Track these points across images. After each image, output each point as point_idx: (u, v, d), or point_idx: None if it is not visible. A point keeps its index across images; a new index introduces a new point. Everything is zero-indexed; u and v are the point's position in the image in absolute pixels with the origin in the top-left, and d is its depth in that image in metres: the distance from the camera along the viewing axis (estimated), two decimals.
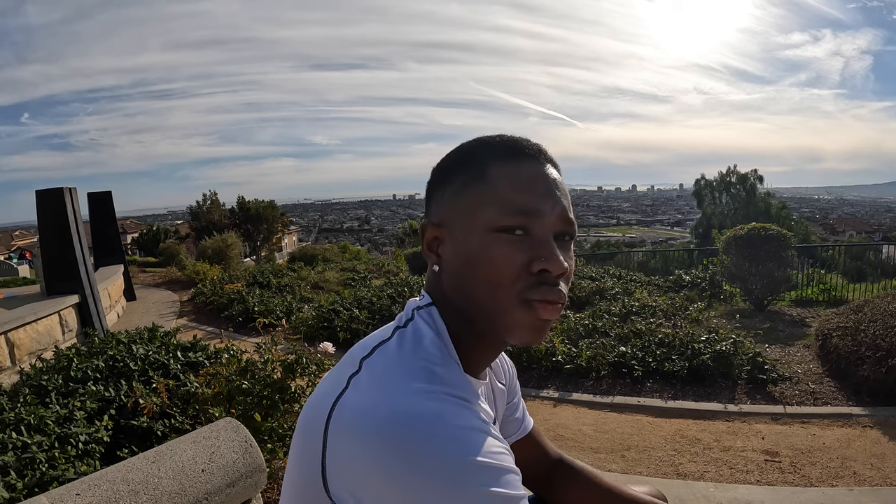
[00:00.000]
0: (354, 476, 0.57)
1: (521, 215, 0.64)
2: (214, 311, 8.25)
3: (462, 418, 0.57)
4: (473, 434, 0.56)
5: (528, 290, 0.63)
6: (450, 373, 0.64)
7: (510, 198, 0.65)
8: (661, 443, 3.47)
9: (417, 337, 0.67)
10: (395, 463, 0.53)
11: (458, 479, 0.53)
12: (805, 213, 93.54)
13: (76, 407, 2.61)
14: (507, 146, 0.69)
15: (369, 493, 0.56)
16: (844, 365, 4.30)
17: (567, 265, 0.65)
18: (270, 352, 2.69)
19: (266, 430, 2.46)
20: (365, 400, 0.60)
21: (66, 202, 6.09)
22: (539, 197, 0.66)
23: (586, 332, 5.51)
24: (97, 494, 1.53)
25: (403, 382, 0.60)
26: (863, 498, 2.65)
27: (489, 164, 0.68)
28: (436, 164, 0.74)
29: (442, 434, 0.54)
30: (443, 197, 0.71)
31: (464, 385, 0.65)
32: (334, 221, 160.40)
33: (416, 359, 0.64)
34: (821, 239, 36.80)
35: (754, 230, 6.81)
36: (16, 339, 4.91)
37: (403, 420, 0.55)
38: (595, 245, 51.29)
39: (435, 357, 0.65)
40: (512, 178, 0.66)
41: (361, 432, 0.57)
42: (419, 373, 0.61)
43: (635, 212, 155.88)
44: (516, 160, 0.68)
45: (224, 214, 26.84)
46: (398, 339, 0.68)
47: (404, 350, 0.66)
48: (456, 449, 0.54)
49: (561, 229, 0.67)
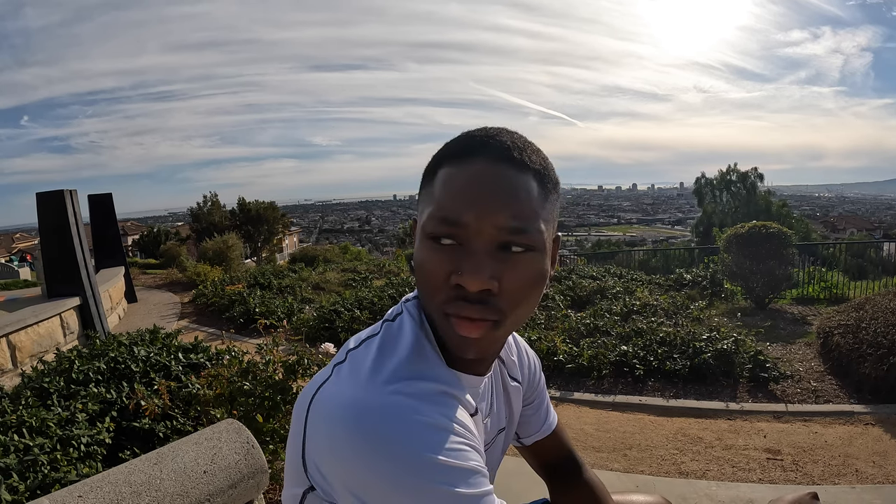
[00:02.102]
0: (322, 458, 0.59)
1: (446, 224, 0.60)
2: (216, 313, 8.26)
3: (426, 414, 0.57)
4: (435, 431, 0.56)
5: (446, 303, 0.61)
6: (427, 366, 0.64)
7: (441, 204, 0.61)
8: (663, 441, 3.47)
9: (400, 330, 0.67)
10: (352, 451, 0.55)
11: (411, 473, 0.53)
12: (806, 211, 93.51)
13: (78, 409, 2.61)
14: (461, 143, 0.64)
15: (331, 475, 0.58)
16: (846, 363, 4.29)
17: (487, 283, 0.58)
18: (272, 353, 2.69)
19: (268, 431, 2.46)
20: (338, 389, 0.61)
21: (66, 204, 6.10)
22: (465, 204, 0.59)
23: (587, 331, 5.50)
24: (99, 496, 1.53)
25: (375, 375, 0.61)
26: (865, 496, 2.65)
27: (441, 164, 0.64)
28: None
29: (401, 428, 0.55)
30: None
31: (443, 378, 0.64)
32: (335, 222, 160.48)
33: (394, 352, 0.64)
34: (822, 237, 36.78)
35: (755, 228, 6.80)
36: (17, 341, 4.92)
37: (366, 411, 0.56)
38: (596, 244, 51.33)
39: (412, 350, 0.64)
40: (448, 182, 0.62)
41: (328, 418, 0.59)
42: (394, 366, 0.62)
43: (636, 211, 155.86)
44: (461, 160, 0.62)
45: (225, 216, 26.84)
46: (384, 333, 0.68)
47: (385, 344, 0.66)
48: (413, 444, 0.54)
49: (500, 239, 0.59)
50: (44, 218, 6.19)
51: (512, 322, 0.63)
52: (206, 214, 26.59)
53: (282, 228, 29.13)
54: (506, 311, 0.61)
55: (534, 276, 0.61)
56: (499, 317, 0.60)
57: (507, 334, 0.65)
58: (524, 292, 0.61)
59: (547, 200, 0.63)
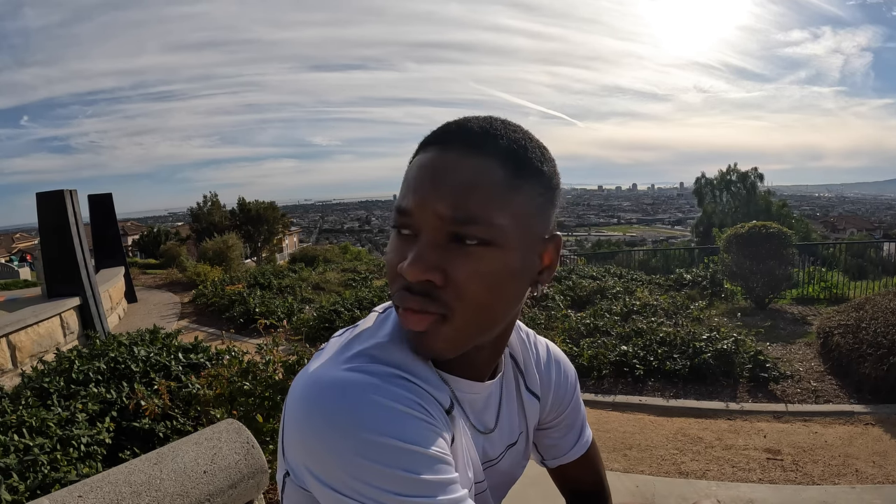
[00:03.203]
0: (287, 438, 0.57)
1: (398, 214, 0.59)
2: (216, 313, 8.26)
3: (387, 394, 0.53)
4: (399, 412, 0.52)
5: (396, 293, 0.59)
6: (401, 356, 0.59)
7: (399, 194, 0.60)
8: (663, 441, 3.47)
9: (385, 321, 0.64)
10: (309, 428, 0.53)
11: (370, 453, 0.50)
12: (806, 211, 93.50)
13: (78, 409, 2.62)
14: (431, 133, 0.61)
15: (293, 454, 0.56)
16: (846, 363, 4.29)
17: (425, 274, 0.55)
18: (272, 353, 2.69)
19: (268, 431, 2.46)
20: (306, 369, 0.60)
21: (66, 204, 6.10)
22: (410, 193, 0.57)
23: (587, 331, 5.50)
24: (99, 496, 1.53)
25: (341, 353, 0.59)
26: (865, 496, 2.65)
27: (415, 153, 0.62)
28: None
29: (358, 405, 0.52)
30: None
31: (416, 371, 0.59)
32: (335, 222, 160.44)
33: (370, 337, 0.61)
34: (821, 237, 36.76)
35: (755, 228, 6.81)
36: (17, 341, 4.92)
37: (322, 385, 0.54)
38: (596, 244, 51.33)
39: (389, 338, 0.61)
40: (406, 172, 0.60)
41: (291, 397, 0.57)
42: (364, 347, 0.59)
43: (636, 211, 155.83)
44: (422, 149, 0.60)
45: (225, 216, 26.83)
46: (367, 321, 0.66)
47: (365, 330, 0.63)
48: (372, 423, 0.51)
49: (446, 229, 0.55)
50: (44, 218, 6.19)
51: (466, 320, 0.57)
52: (206, 214, 26.58)
53: (282, 228, 29.12)
54: (452, 305, 0.56)
55: (490, 272, 0.56)
56: (444, 311, 0.56)
57: (462, 333, 0.58)
58: (476, 288, 0.56)
59: (518, 190, 0.57)
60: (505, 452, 0.77)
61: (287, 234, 33.81)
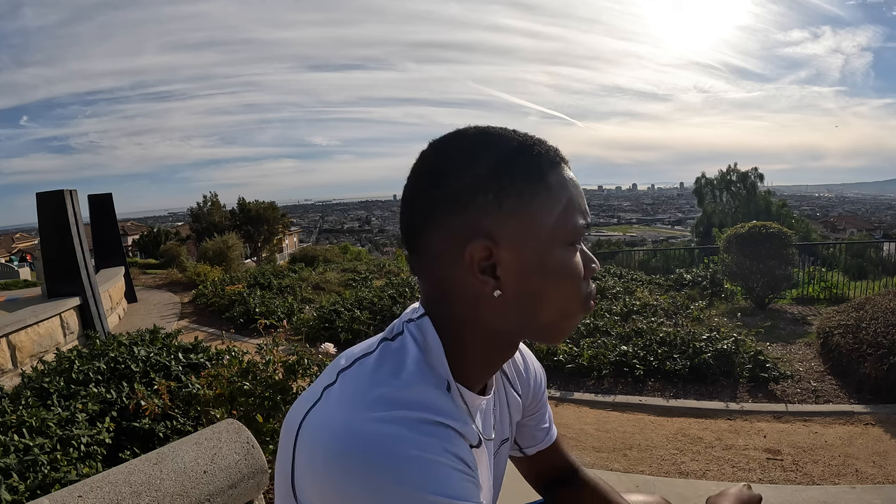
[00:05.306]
0: (314, 490, 0.56)
1: (585, 228, 0.71)
2: (216, 313, 8.26)
3: (424, 447, 0.54)
4: (435, 467, 0.53)
5: (588, 292, 0.70)
6: (426, 394, 0.60)
7: (582, 209, 0.71)
8: (663, 441, 3.47)
9: (400, 352, 0.64)
10: (352, 487, 0.52)
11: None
12: (806, 211, 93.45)
13: (78, 409, 2.61)
14: (555, 149, 0.70)
15: (318, 501, 0.55)
16: (846, 363, 4.29)
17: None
18: (272, 353, 2.69)
19: (268, 431, 2.46)
20: (328, 415, 0.58)
21: (66, 204, 6.10)
22: (585, 208, 0.73)
23: (587, 331, 5.51)
24: (99, 496, 1.53)
25: (368, 403, 0.57)
26: (865, 496, 2.65)
27: (548, 169, 0.69)
28: None
29: (396, 463, 0.52)
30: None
31: (444, 409, 0.60)
32: (335, 222, 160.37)
33: (390, 376, 0.61)
34: (821, 237, 36.76)
35: (755, 228, 6.81)
36: (17, 341, 4.92)
37: (359, 441, 0.53)
38: (596, 244, 51.23)
39: (412, 375, 0.61)
40: (569, 188, 0.69)
41: (318, 448, 0.56)
42: (389, 392, 0.58)
43: (636, 210, 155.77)
44: (560, 165, 0.72)
45: (225, 216, 26.83)
46: (380, 354, 0.64)
47: (381, 367, 0.62)
48: (411, 482, 0.51)
49: None
50: (44, 218, 6.19)
51: None
52: (206, 214, 26.59)
53: (282, 228, 29.12)
54: None
55: None
56: None
57: None
58: None
59: None
60: (500, 448, 0.85)
61: (287, 234, 33.80)
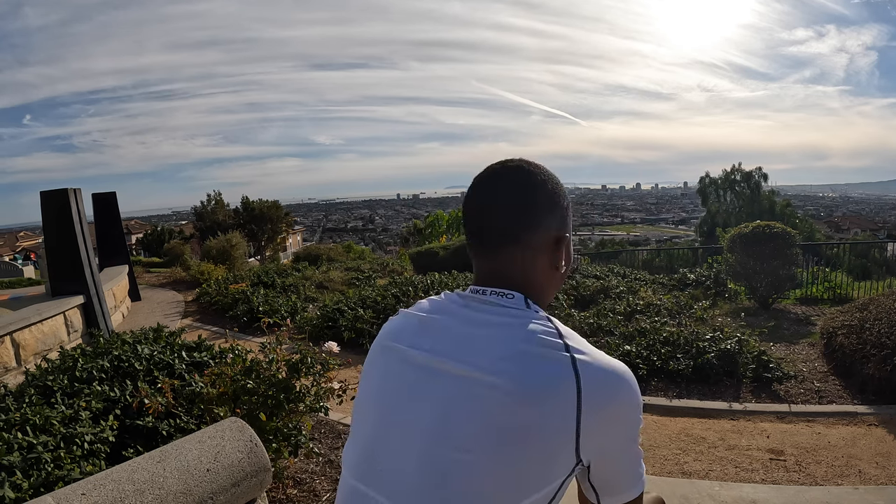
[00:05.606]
0: (620, 417, 0.80)
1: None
2: (219, 311, 8.28)
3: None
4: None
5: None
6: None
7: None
8: (666, 441, 3.46)
9: (537, 314, 0.82)
10: (638, 404, 0.83)
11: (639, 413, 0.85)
12: (810, 211, 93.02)
13: (81, 407, 2.62)
14: None
15: (614, 431, 0.80)
16: (850, 363, 4.28)
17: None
18: (275, 351, 2.69)
19: (271, 429, 2.46)
20: (605, 360, 0.79)
21: (70, 203, 6.12)
22: None
23: (591, 330, 5.50)
24: (102, 494, 1.54)
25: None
26: (868, 496, 2.64)
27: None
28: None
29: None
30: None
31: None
32: (338, 221, 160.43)
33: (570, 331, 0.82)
34: (826, 237, 36.63)
35: (759, 228, 6.78)
36: (21, 339, 4.93)
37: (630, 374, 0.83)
38: (599, 243, 51.16)
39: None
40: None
41: (628, 383, 0.81)
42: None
43: (640, 210, 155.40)
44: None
45: (228, 214, 26.91)
46: (537, 317, 0.80)
47: (555, 322, 0.81)
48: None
49: None
50: (48, 216, 6.20)
51: None
52: (209, 213, 26.66)
53: (285, 227, 29.18)
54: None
55: None
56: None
57: None
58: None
59: None
60: None
61: (290, 233, 33.85)
